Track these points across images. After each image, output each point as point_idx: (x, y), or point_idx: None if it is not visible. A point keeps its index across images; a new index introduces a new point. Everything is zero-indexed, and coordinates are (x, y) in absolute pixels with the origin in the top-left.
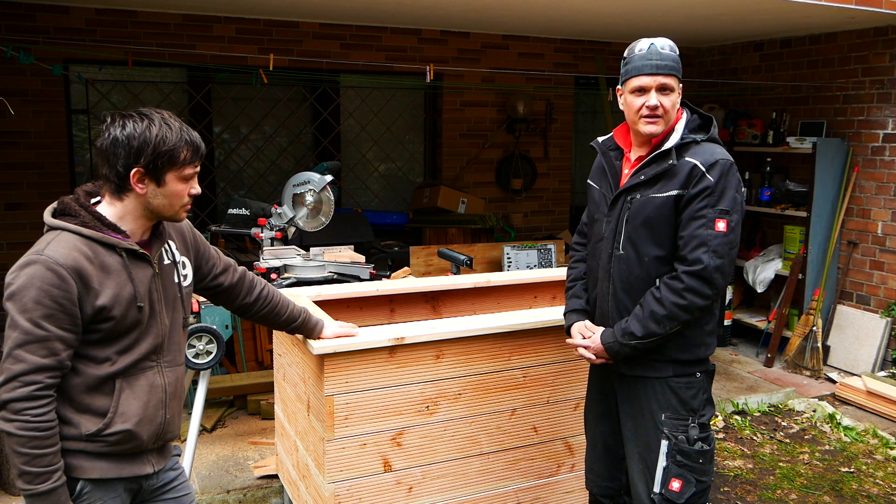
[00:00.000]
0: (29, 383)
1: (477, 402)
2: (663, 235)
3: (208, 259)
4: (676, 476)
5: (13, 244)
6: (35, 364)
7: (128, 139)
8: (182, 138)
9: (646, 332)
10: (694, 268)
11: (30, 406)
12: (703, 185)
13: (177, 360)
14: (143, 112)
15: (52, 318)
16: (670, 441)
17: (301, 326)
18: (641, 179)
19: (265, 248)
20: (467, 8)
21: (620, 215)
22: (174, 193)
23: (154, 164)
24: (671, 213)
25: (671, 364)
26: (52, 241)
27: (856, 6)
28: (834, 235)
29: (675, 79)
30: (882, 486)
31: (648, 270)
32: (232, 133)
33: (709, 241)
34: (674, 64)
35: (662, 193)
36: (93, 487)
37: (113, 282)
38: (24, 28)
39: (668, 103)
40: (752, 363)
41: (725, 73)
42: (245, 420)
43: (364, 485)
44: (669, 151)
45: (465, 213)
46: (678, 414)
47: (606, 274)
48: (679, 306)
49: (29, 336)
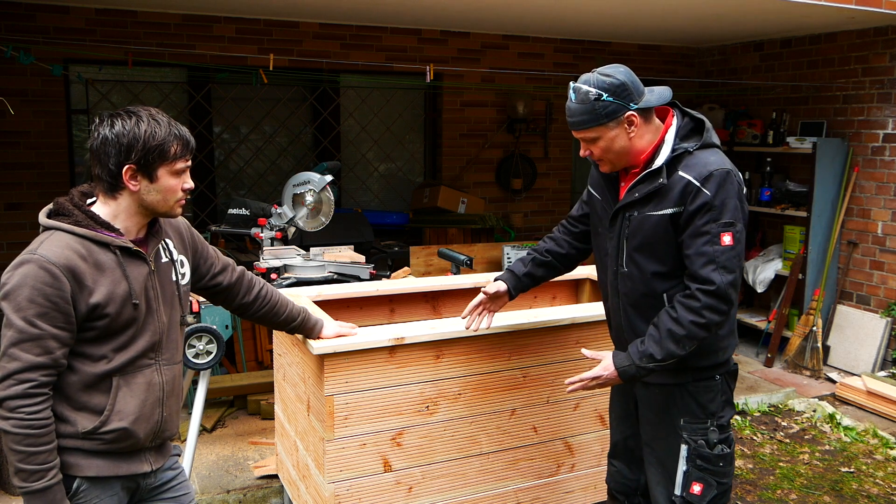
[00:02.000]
0: (23, 381)
1: (477, 402)
2: (662, 252)
3: (207, 258)
4: (697, 479)
5: (13, 244)
6: (29, 362)
7: (117, 137)
8: (171, 133)
9: (666, 354)
10: (707, 287)
11: (24, 404)
12: (701, 200)
13: (174, 359)
14: (131, 110)
15: (45, 317)
16: (689, 446)
17: (300, 326)
18: (636, 197)
19: (265, 248)
20: (467, 8)
21: (621, 233)
22: (167, 188)
23: (145, 159)
24: (668, 231)
25: (691, 371)
26: (46, 241)
27: (856, 6)
28: (834, 235)
29: (592, 129)
30: (882, 486)
31: (653, 287)
32: (232, 133)
33: (717, 257)
34: (584, 117)
35: (657, 212)
36: (89, 485)
37: (107, 279)
38: (24, 28)
39: (598, 150)
40: (752, 363)
41: (725, 73)
42: (245, 420)
43: (364, 485)
44: (660, 170)
45: (465, 213)
46: (697, 418)
47: (615, 290)
48: (698, 325)
49: (23, 335)
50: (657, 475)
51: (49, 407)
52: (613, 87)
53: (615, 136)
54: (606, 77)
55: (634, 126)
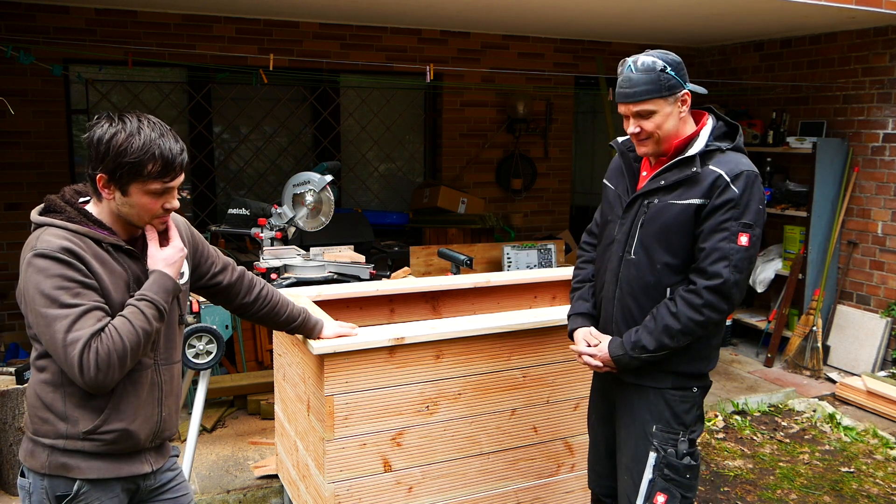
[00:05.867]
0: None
1: (477, 402)
2: (677, 244)
3: (207, 257)
4: (662, 490)
5: (13, 244)
6: (92, 330)
7: (97, 142)
8: (148, 151)
9: (658, 346)
10: (713, 282)
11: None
12: (727, 196)
13: (173, 358)
14: (125, 116)
15: (78, 295)
16: (659, 454)
17: (301, 326)
18: (661, 184)
19: (265, 248)
20: (467, 8)
21: (635, 219)
22: (141, 206)
23: (115, 173)
24: (689, 222)
25: (671, 375)
26: (41, 236)
27: (856, 6)
28: (834, 235)
29: (652, 101)
30: (882, 486)
31: (660, 277)
32: (232, 133)
33: (731, 255)
34: (647, 87)
35: (682, 201)
36: (90, 487)
37: (107, 270)
38: (24, 28)
39: (651, 126)
40: (752, 363)
41: (725, 73)
42: (245, 420)
43: (364, 485)
44: (693, 158)
45: (465, 213)
46: (670, 427)
47: (614, 277)
48: (695, 322)
49: (69, 317)
50: (623, 484)
51: None
52: (675, 63)
53: (670, 112)
54: (667, 54)
55: (686, 106)
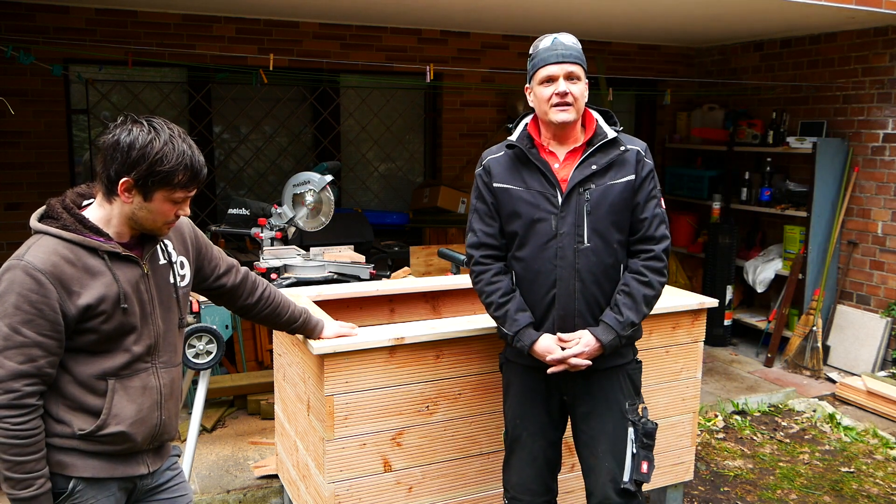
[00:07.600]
0: (8, 391)
1: (477, 402)
2: (623, 221)
3: (211, 259)
4: (644, 458)
5: (13, 244)
6: (13, 370)
7: (128, 147)
8: (182, 162)
9: (642, 317)
10: (664, 244)
11: (10, 414)
12: (648, 167)
13: (172, 361)
14: (155, 124)
15: (31, 324)
16: (637, 428)
17: (302, 327)
18: (594, 169)
19: (265, 248)
20: (467, 8)
21: (579, 207)
22: (159, 211)
23: (145, 179)
24: (630, 197)
25: (631, 348)
26: (33, 246)
27: (856, 6)
28: (834, 235)
29: (580, 68)
30: (882, 486)
31: (616, 256)
32: (232, 133)
33: (664, 218)
34: (578, 54)
35: (620, 179)
36: (85, 486)
37: (98, 282)
38: (24, 28)
39: (577, 91)
40: (752, 363)
41: (725, 73)
42: (245, 420)
43: (364, 485)
44: (616, 140)
45: (465, 212)
46: (634, 399)
47: (572, 270)
48: (662, 283)
49: (8, 342)
50: (603, 472)
51: (37, 417)
52: None
53: (585, 87)
54: None
55: (586, 87)
